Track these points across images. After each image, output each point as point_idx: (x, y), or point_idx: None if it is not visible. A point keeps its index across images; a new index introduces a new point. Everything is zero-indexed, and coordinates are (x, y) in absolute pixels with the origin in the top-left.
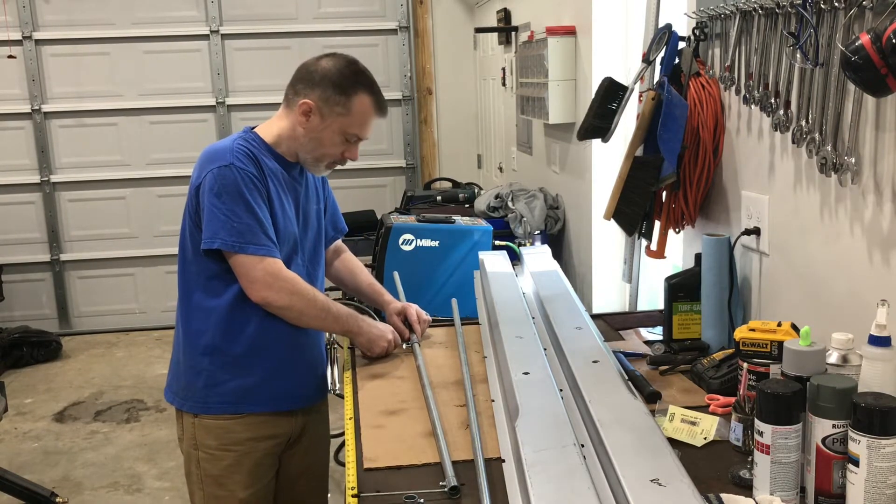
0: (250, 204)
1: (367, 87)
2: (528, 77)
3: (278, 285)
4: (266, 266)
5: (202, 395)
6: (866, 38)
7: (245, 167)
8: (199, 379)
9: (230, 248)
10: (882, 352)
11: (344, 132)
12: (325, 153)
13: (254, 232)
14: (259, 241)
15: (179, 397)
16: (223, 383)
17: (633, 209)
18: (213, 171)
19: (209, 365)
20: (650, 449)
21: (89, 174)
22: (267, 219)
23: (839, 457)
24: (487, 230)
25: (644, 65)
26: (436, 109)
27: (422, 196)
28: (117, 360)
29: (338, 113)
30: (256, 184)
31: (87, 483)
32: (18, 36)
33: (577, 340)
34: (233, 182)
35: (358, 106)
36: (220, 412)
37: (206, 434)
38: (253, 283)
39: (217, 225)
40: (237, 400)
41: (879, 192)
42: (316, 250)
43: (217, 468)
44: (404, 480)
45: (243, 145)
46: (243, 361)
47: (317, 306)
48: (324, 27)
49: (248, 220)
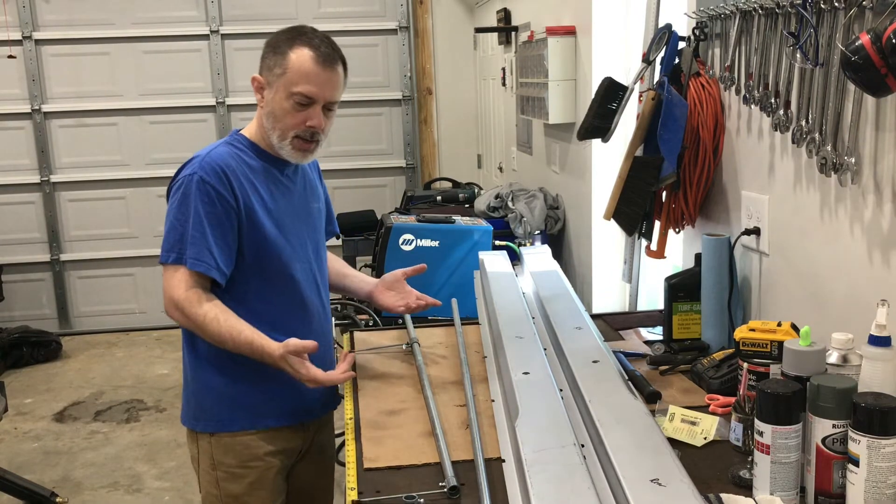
0: (200, 216)
1: (304, 41)
2: (528, 77)
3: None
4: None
5: (217, 413)
6: (866, 38)
7: (210, 182)
8: (213, 396)
9: (162, 260)
10: (882, 352)
11: (289, 93)
12: (283, 126)
13: (188, 243)
14: (191, 254)
15: (192, 418)
16: (238, 398)
17: (633, 209)
18: (180, 178)
19: (222, 380)
20: (650, 449)
21: (89, 174)
22: (218, 237)
23: (839, 457)
24: (487, 230)
25: (644, 65)
26: (436, 109)
27: (422, 196)
28: (117, 360)
29: (278, 75)
30: (215, 198)
31: (87, 483)
32: (18, 36)
33: (577, 340)
34: (189, 193)
35: (294, 60)
36: (239, 428)
37: (224, 452)
38: (163, 295)
39: (164, 237)
40: (254, 414)
41: (879, 192)
42: (320, 249)
43: (239, 486)
44: (404, 480)
45: (222, 151)
46: (255, 375)
47: (207, 333)
48: (324, 27)
49: (195, 232)
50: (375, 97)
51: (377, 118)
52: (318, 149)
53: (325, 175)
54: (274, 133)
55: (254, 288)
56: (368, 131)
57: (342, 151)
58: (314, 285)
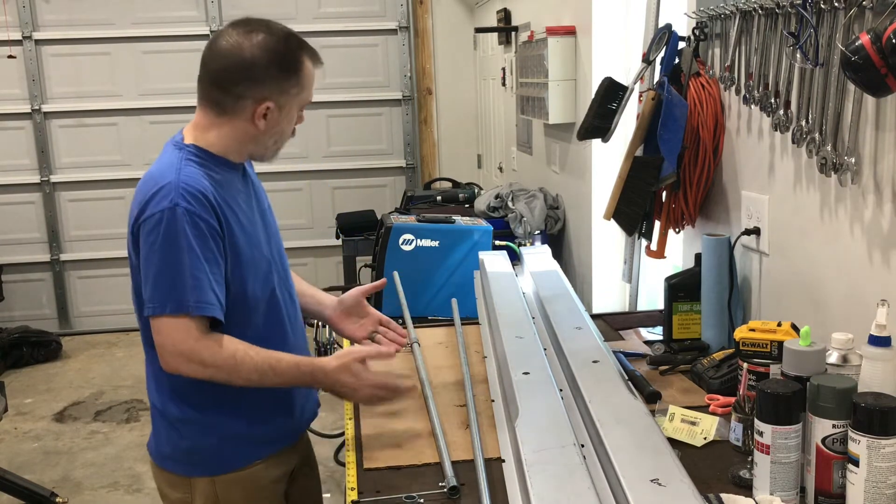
0: (195, 252)
1: (303, 49)
2: (528, 77)
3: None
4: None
5: (220, 452)
6: (866, 38)
7: (198, 213)
8: (212, 434)
9: (155, 313)
10: (882, 352)
11: (301, 107)
12: (284, 139)
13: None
14: (195, 298)
15: (185, 463)
16: (241, 432)
17: (633, 209)
18: (155, 213)
19: (216, 417)
20: (650, 449)
21: (89, 174)
22: (216, 272)
23: (839, 457)
24: (487, 230)
25: (644, 65)
26: (436, 109)
27: (422, 196)
28: (117, 360)
29: (294, 94)
30: (205, 230)
31: (87, 483)
32: (18, 36)
33: (577, 340)
34: (177, 229)
35: (307, 76)
36: (245, 463)
37: (229, 490)
38: (161, 350)
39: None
40: (257, 444)
41: (879, 192)
42: (283, 255)
43: None
44: (404, 480)
45: (192, 172)
46: (252, 405)
47: (241, 375)
48: (324, 27)
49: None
50: (375, 97)
51: (377, 118)
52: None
53: (325, 175)
54: (268, 150)
55: (241, 316)
56: (368, 131)
57: (342, 151)
58: (288, 295)
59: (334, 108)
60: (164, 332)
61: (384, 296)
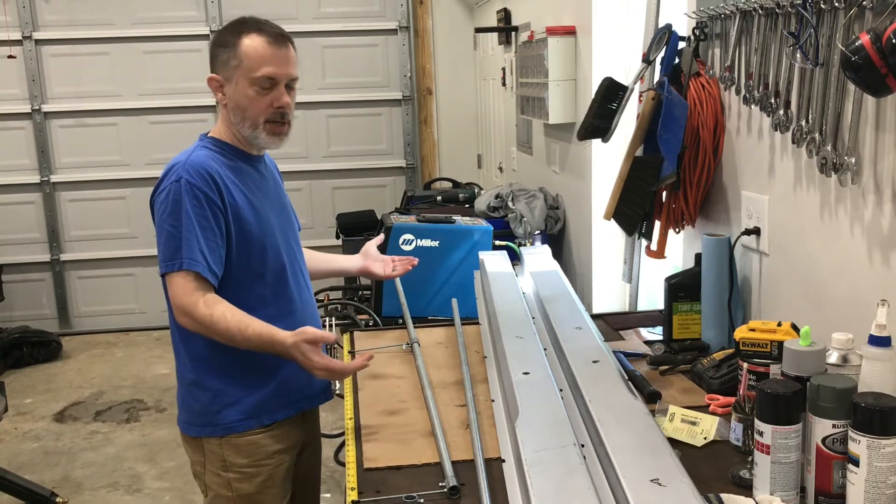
0: (191, 219)
1: (251, 27)
2: (528, 77)
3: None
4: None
5: (226, 415)
6: (866, 38)
7: (198, 185)
8: (219, 400)
9: (164, 269)
10: (882, 352)
11: (251, 80)
12: (253, 115)
13: (191, 248)
14: (186, 255)
15: (196, 425)
16: (244, 398)
17: (633, 209)
18: (165, 187)
19: (226, 383)
20: (650, 449)
21: (89, 174)
22: (209, 238)
23: (839, 457)
24: (487, 230)
25: (644, 65)
26: (436, 109)
27: (422, 196)
28: (117, 360)
29: (234, 66)
30: (203, 201)
31: (87, 483)
32: (18, 36)
33: (577, 340)
34: (179, 198)
35: (249, 47)
36: (247, 428)
37: (236, 453)
38: (172, 305)
39: (162, 246)
40: (261, 411)
41: (879, 192)
42: (298, 241)
43: (252, 486)
44: (404, 480)
45: (201, 154)
46: (256, 372)
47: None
48: (324, 27)
49: (189, 234)
50: (375, 97)
51: (377, 118)
52: (289, 130)
53: (325, 175)
54: (245, 125)
55: (246, 287)
56: (368, 131)
57: (342, 151)
58: (299, 278)
59: (334, 108)
60: (170, 288)
61: (384, 296)
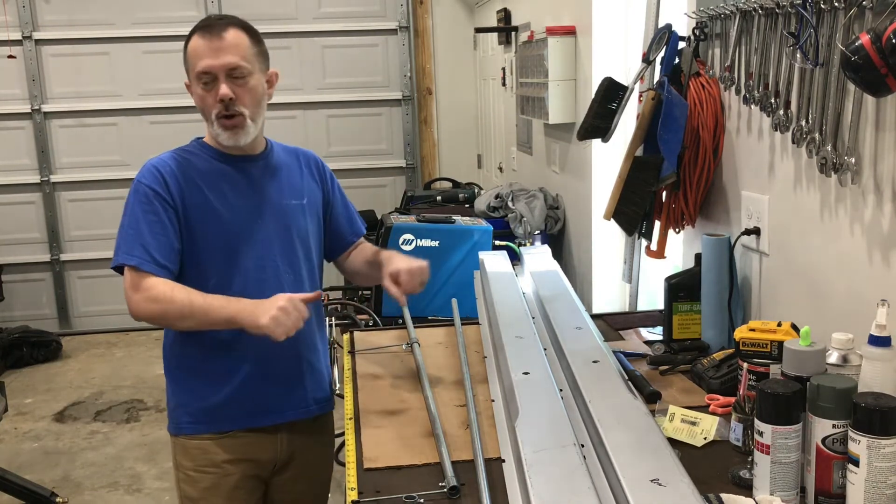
0: (136, 216)
1: (198, 27)
2: (528, 77)
3: (137, 296)
4: (129, 277)
5: (177, 415)
6: (866, 38)
7: (146, 183)
8: (173, 398)
9: (112, 265)
10: (882, 352)
11: (195, 79)
12: (206, 114)
13: (129, 242)
14: (123, 251)
15: (168, 421)
16: (193, 402)
17: (633, 209)
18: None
19: (180, 382)
20: (650, 449)
21: (89, 174)
22: (157, 231)
23: (839, 457)
24: (487, 230)
25: (644, 65)
26: (436, 109)
27: (422, 196)
28: (117, 360)
29: (187, 70)
30: (152, 197)
31: (87, 483)
32: (18, 36)
33: (577, 340)
34: (129, 198)
35: (189, 48)
36: (194, 432)
37: (183, 454)
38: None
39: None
40: (211, 418)
41: (879, 192)
42: (295, 246)
43: (195, 490)
44: (404, 480)
45: (165, 156)
46: (201, 379)
47: (176, 304)
48: (324, 27)
49: (129, 230)
50: (375, 97)
51: (377, 118)
52: (247, 123)
53: None
54: (208, 125)
55: (212, 286)
56: (368, 131)
57: (342, 151)
58: (277, 283)
59: (334, 108)
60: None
61: (384, 295)
